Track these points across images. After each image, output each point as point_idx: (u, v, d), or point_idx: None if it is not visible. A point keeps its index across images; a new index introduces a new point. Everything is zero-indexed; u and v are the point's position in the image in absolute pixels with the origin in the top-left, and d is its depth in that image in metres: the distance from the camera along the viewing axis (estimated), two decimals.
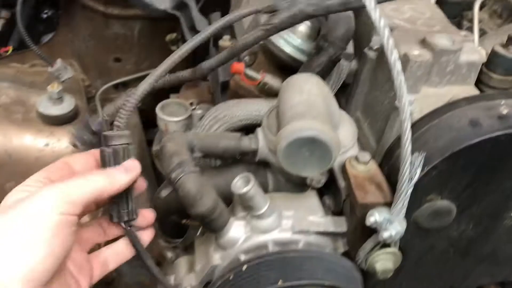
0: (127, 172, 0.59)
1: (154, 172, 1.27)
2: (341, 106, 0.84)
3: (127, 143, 0.62)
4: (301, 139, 0.63)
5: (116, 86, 1.60)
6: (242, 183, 0.67)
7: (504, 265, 0.77)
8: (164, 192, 0.79)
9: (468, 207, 0.68)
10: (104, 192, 0.57)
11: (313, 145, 0.64)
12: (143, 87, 0.65)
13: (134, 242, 0.65)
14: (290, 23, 0.72)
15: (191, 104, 1.21)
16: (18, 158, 1.09)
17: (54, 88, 1.12)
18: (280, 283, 0.63)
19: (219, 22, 0.74)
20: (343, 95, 0.91)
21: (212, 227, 0.70)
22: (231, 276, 0.67)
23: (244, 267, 0.66)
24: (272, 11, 0.75)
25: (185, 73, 0.89)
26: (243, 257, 0.70)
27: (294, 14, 0.71)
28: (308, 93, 0.70)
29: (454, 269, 0.77)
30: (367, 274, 0.75)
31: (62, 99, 1.14)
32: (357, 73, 0.84)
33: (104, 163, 0.61)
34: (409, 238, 0.70)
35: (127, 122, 0.62)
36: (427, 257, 0.74)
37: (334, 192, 0.80)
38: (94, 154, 0.63)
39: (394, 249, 0.69)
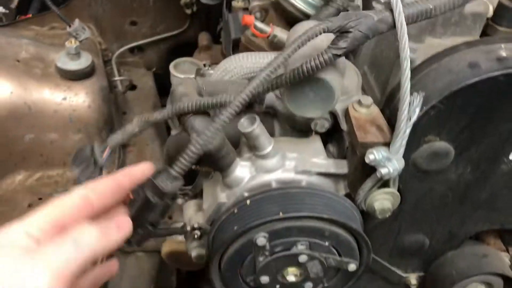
0: (119, 231, 0.53)
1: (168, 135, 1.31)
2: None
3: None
4: (305, 80, 0.65)
5: (132, 50, 1.65)
6: (248, 123, 0.70)
7: (501, 211, 0.79)
8: (174, 132, 0.82)
9: (466, 150, 0.70)
10: (98, 256, 0.50)
11: (316, 86, 0.66)
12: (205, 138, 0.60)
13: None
14: None
15: (204, 65, 1.24)
16: (37, 111, 1.14)
17: (72, 44, 1.16)
18: (280, 214, 0.66)
19: None
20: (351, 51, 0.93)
21: (219, 166, 0.73)
22: (235, 209, 0.70)
23: (248, 201, 0.70)
24: None
25: None
26: (247, 195, 0.73)
27: None
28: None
29: (452, 214, 0.79)
30: (367, 217, 0.78)
31: (80, 55, 1.19)
32: None
33: (148, 210, 0.57)
34: (408, 180, 0.73)
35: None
36: (426, 201, 0.76)
37: (338, 140, 0.83)
38: (120, 181, 0.56)
39: (392, 189, 0.71)
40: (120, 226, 0.53)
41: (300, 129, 0.83)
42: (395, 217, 0.79)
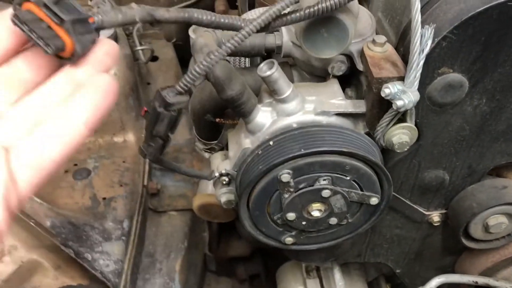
0: None
1: None
2: None
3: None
4: (319, 19, 0.68)
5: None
6: (267, 67, 0.74)
7: None
8: (197, 81, 0.86)
9: (480, 81, 0.72)
10: None
11: (331, 25, 0.69)
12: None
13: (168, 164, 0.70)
14: None
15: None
16: None
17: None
18: (302, 151, 0.70)
19: None
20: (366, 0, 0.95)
21: (241, 112, 0.77)
22: (259, 151, 0.74)
23: (271, 142, 0.74)
24: None
25: None
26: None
27: None
28: None
29: (470, 148, 0.81)
30: (387, 155, 0.81)
31: None
32: None
33: (157, 119, 0.61)
34: (424, 114, 0.76)
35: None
36: (443, 135, 0.79)
37: (356, 84, 0.86)
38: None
39: (410, 124, 0.74)
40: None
41: (318, 74, 0.86)
42: (414, 153, 0.82)
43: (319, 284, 1.12)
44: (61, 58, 0.45)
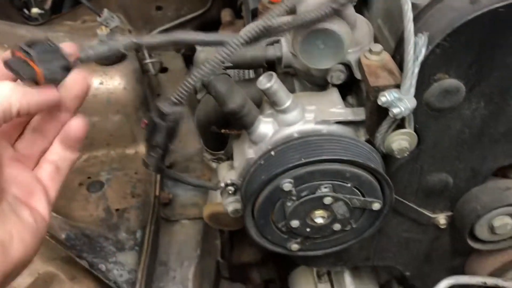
0: (41, 92, 0.54)
1: None
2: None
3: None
4: (314, 32, 0.70)
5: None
6: (266, 80, 0.76)
7: None
8: (200, 95, 0.89)
9: (476, 85, 0.73)
10: (14, 109, 0.51)
11: (325, 37, 0.71)
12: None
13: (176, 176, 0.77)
14: None
15: None
16: None
17: (103, 31, 1.24)
18: (302, 160, 0.72)
19: None
20: (366, 7, 0.96)
21: (243, 123, 0.79)
22: (262, 161, 0.76)
23: (273, 152, 0.76)
24: None
25: None
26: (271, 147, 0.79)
27: None
28: None
29: (472, 151, 0.82)
30: (389, 160, 0.82)
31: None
32: None
33: (155, 130, 0.66)
34: (423, 120, 0.77)
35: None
36: (444, 139, 0.80)
37: (356, 91, 0.87)
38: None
39: (408, 130, 0.75)
40: (43, 90, 0.54)
41: (318, 83, 0.88)
42: (416, 158, 0.83)
43: None
44: (38, 84, 0.54)
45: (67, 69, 0.56)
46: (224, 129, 0.97)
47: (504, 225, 0.86)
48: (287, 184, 0.73)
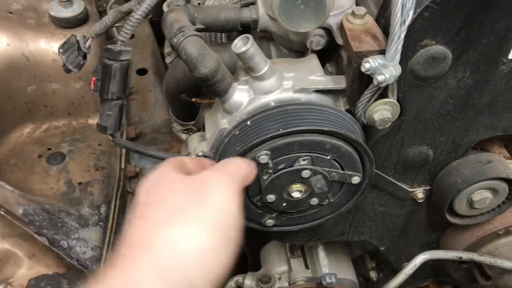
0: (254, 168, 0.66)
1: None
2: None
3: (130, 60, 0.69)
4: None
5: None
6: (242, 43, 0.70)
7: (502, 116, 0.79)
8: (169, 59, 0.82)
9: (463, 52, 0.69)
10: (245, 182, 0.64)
11: None
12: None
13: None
14: None
15: (199, 4, 1.22)
16: (35, 61, 1.14)
17: None
18: (281, 130, 0.67)
19: None
20: None
21: (216, 91, 0.73)
22: (236, 131, 0.71)
23: (249, 122, 0.70)
24: None
25: None
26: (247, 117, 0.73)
27: None
28: None
29: (454, 123, 0.79)
30: (369, 132, 0.78)
31: (72, 2, 1.17)
32: None
33: (109, 76, 0.67)
34: (407, 89, 0.73)
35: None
36: (427, 110, 0.76)
37: (335, 59, 0.82)
38: (203, 162, 0.69)
39: (391, 99, 0.71)
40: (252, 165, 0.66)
41: (296, 49, 0.82)
42: (397, 129, 0.79)
43: (303, 263, 1.11)
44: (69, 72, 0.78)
45: (84, 57, 0.75)
46: (195, 97, 0.91)
47: (483, 200, 0.84)
48: (263, 157, 0.68)
